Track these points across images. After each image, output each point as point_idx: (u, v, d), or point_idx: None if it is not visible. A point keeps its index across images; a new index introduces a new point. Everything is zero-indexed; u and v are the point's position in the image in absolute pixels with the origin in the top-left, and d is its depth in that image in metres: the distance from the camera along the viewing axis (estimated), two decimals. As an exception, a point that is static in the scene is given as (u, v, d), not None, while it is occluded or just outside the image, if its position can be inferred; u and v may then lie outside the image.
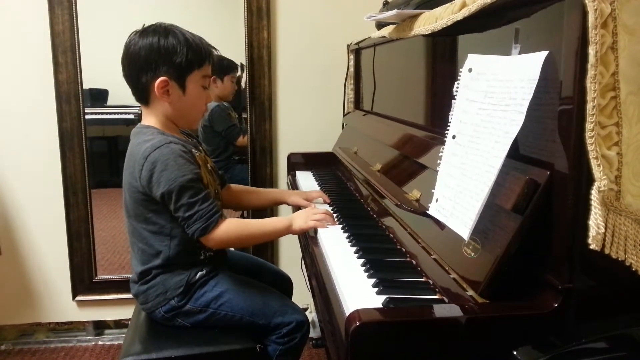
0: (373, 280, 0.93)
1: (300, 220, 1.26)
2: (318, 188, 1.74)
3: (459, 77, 0.90)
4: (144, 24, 1.24)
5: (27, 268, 2.15)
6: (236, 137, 2.19)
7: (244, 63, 2.11)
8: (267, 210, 2.16)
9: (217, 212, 1.19)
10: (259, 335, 1.28)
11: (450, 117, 0.91)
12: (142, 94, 1.24)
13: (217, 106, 2.14)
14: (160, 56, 1.19)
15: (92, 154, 2.10)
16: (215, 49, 1.30)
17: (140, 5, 2.13)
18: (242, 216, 2.20)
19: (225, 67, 2.12)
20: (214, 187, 1.31)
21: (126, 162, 1.24)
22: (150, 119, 1.26)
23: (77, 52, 1.99)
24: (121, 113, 2.21)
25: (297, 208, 1.51)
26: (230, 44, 2.09)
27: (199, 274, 1.25)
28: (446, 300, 0.84)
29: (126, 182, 1.23)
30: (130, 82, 1.25)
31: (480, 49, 0.90)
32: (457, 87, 0.90)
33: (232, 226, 1.20)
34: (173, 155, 1.15)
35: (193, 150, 1.25)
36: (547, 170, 0.72)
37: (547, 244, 0.72)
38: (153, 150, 1.15)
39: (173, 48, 1.19)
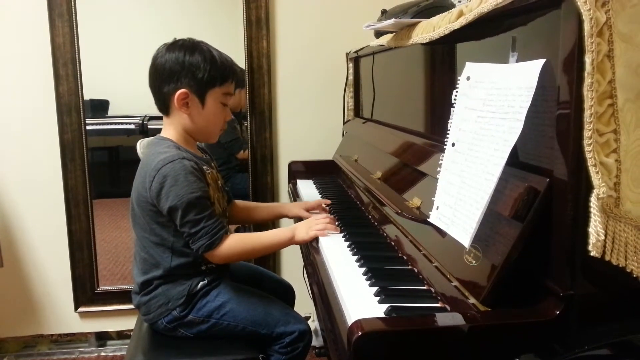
0: (375, 288, 0.93)
1: (302, 231, 1.27)
2: (319, 196, 1.74)
3: (457, 85, 0.91)
4: (175, 38, 1.27)
5: (29, 280, 2.15)
6: (237, 151, 2.20)
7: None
8: (270, 223, 2.16)
9: (221, 229, 1.20)
10: (261, 345, 1.28)
11: (449, 125, 0.91)
12: (163, 104, 1.27)
13: None
14: (184, 69, 1.22)
15: (93, 165, 2.10)
16: (238, 66, 1.32)
17: (140, 17, 2.14)
18: (243, 228, 2.21)
19: (239, 80, 2.14)
20: (222, 204, 1.33)
21: (138, 170, 1.25)
22: (168, 131, 1.29)
23: (77, 64, 2.00)
24: (122, 123, 2.22)
25: (299, 219, 1.51)
26: (230, 54, 2.08)
27: (201, 283, 1.26)
28: (448, 308, 0.84)
29: (136, 190, 1.25)
30: (153, 92, 1.28)
31: (478, 57, 0.91)
32: (456, 95, 0.90)
33: (235, 242, 1.22)
34: (184, 172, 1.17)
35: (205, 167, 1.26)
36: (547, 177, 0.72)
37: (548, 251, 0.72)
38: (165, 164, 1.17)
39: (197, 64, 1.22)
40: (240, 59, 2.09)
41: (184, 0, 2.19)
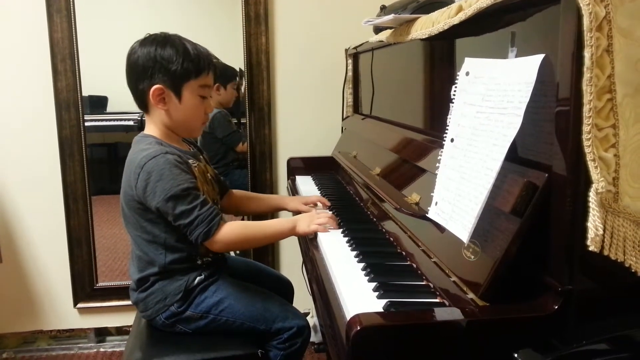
0: (373, 284, 0.93)
1: (304, 223, 1.27)
2: (318, 192, 1.74)
3: (456, 81, 0.91)
4: (148, 33, 1.25)
5: (28, 276, 2.15)
6: (236, 144, 2.20)
7: (243, 69, 2.12)
8: (269, 215, 2.16)
9: (217, 214, 1.19)
10: (260, 340, 1.28)
11: (448, 120, 0.91)
12: (141, 102, 1.26)
13: (219, 112, 2.15)
14: (157, 64, 1.20)
15: (92, 161, 2.10)
16: (215, 58, 1.30)
17: (138, 13, 2.14)
18: (243, 219, 2.21)
19: (228, 75, 2.14)
20: (212, 196, 1.32)
21: (124, 170, 1.25)
22: (150, 128, 1.28)
23: (76, 60, 2.00)
24: (121, 120, 2.22)
25: (297, 213, 1.51)
26: (229, 50, 2.10)
27: (198, 279, 1.26)
28: (447, 303, 0.84)
29: (123, 190, 1.24)
30: (131, 90, 1.27)
31: (477, 52, 0.91)
32: (455, 91, 0.90)
33: (235, 228, 1.21)
34: (168, 166, 1.16)
35: (191, 160, 1.25)
36: (545, 172, 0.72)
37: (547, 246, 0.72)
38: (149, 160, 1.16)
39: (169, 57, 1.20)
40: (239, 56, 2.09)
41: (183, -4, 2.19)
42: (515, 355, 0.69)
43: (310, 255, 1.21)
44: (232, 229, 1.21)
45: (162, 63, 1.20)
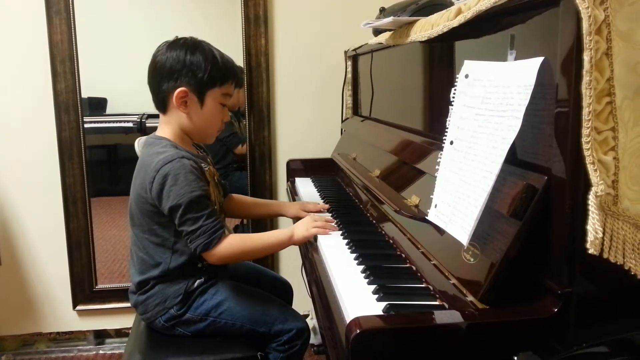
0: (373, 286, 0.93)
1: (301, 229, 1.27)
2: (317, 194, 1.74)
3: (455, 83, 0.91)
4: (176, 36, 1.26)
5: (28, 278, 2.15)
6: (235, 146, 2.20)
7: (242, 70, 2.12)
8: (268, 220, 2.17)
9: (220, 228, 1.19)
10: (259, 343, 1.28)
11: (447, 123, 0.91)
12: (161, 102, 1.26)
13: None
14: (185, 68, 1.21)
15: (91, 163, 2.10)
16: (239, 67, 1.31)
17: (138, 14, 2.14)
18: (242, 227, 2.21)
19: (240, 80, 2.14)
20: (218, 199, 1.32)
21: (136, 171, 1.25)
22: (165, 130, 1.28)
23: (75, 62, 2.00)
24: (120, 121, 2.22)
25: (297, 219, 1.50)
26: (228, 51, 2.08)
27: (198, 282, 1.26)
28: (446, 306, 0.84)
29: (134, 191, 1.24)
30: (151, 89, 1.27)
31: (477, 55, 0.91)
32: (454, 93, 0.90)
33: (234, 242, 1.21)
34: (184, 171, 1.16)
35: (203, 165, 1.26)
36: (545, 175, 0.72)
37: (546, 249, 0.72)
38: (165, 163, 1.16)
39: (198, 63, 1.21)
40: (238, 57, 2.09)
41: (183, -2, 2.19)
42: (515, 358, 0.69)
43: (309, 258, 1.21)
44: (231, 243, 1.20)
45: (191, 68, 1.21)
